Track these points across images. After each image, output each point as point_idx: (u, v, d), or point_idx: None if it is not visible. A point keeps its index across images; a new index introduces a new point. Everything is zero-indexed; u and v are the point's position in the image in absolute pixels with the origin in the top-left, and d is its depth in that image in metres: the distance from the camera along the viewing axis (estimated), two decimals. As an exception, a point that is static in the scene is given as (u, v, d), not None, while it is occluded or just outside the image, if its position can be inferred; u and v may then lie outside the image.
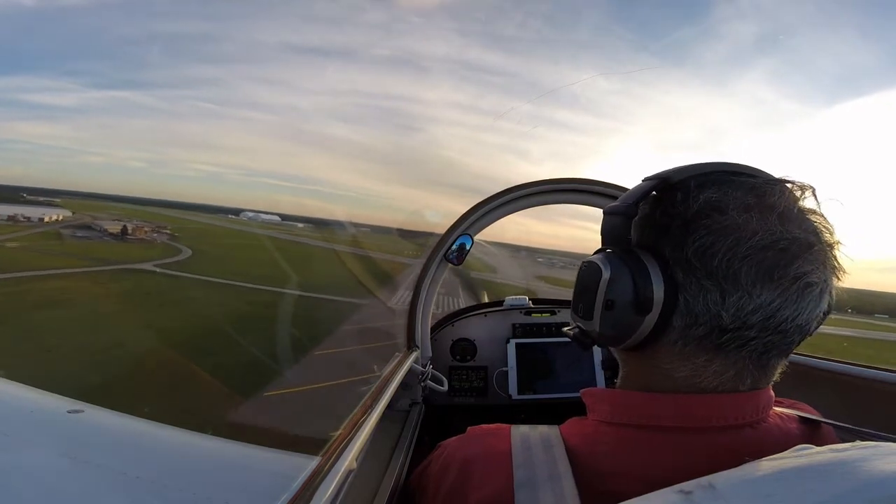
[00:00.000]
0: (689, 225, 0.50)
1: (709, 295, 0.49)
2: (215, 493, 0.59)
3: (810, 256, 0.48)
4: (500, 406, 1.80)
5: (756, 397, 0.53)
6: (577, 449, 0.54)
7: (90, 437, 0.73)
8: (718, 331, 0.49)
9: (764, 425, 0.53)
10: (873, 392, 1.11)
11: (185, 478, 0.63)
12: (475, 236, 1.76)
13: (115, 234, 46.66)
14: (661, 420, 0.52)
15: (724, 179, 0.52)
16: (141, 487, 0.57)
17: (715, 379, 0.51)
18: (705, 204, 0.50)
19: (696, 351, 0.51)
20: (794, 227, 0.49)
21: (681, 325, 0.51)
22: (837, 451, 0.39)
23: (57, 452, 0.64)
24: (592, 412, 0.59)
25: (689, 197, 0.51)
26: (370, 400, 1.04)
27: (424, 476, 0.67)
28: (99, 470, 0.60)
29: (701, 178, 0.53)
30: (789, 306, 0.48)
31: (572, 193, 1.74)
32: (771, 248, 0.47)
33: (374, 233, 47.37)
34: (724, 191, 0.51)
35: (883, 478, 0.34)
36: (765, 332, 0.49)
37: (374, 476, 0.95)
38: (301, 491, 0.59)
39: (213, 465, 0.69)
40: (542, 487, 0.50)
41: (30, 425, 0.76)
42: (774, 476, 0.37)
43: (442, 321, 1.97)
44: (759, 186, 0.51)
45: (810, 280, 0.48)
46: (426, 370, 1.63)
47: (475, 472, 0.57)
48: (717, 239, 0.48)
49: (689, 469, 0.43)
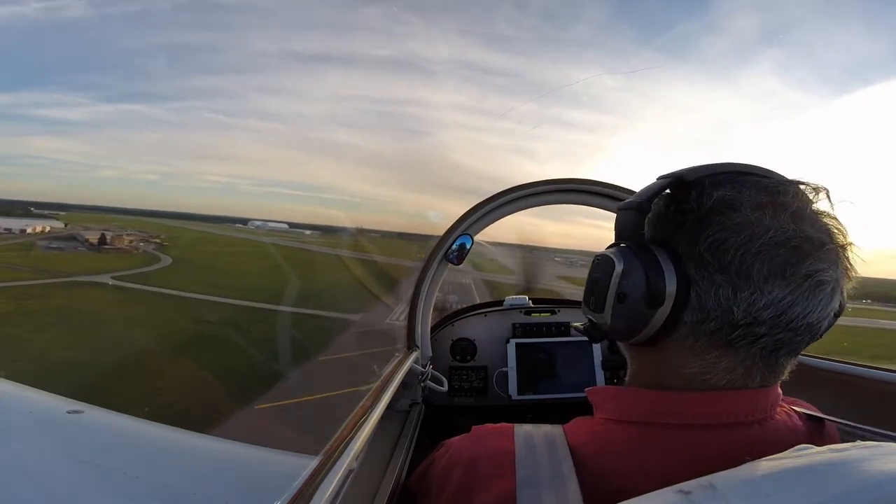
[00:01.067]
0: (702, 221, 0.51)
1: (721, 290, 0.49)
2: (215, 493, 0.59)
3: (822, 255, 0.48)
4: (500, 406, 1.80)
5: (765, 395, 0.53)
6: (583, 448, 0.54)
7: (90, 437, 0.73)
8: (729, 326, 0.49)
9: (772, 422, 0.53)
10: (874, 392, 1.11)
11: (185, 478, 0.63)
12: (475, 236, 1.76)
13: (92, 245, 43.96)
14: (671, 417, 0.52)
15: (737, 179, 0.53)
16: (141, 487, 0.57)
17: (725, 376, 0.51)
18: (719, 201, 0.51)
19: (707, 347, 0.51)
20: (807, 227, 0.49)
21: (692, 321, 0.51)
22: (837, 451, 0.39)
23: (57, 452, 0.64)
24: (599, 410, 0.59)
25: (703, 194, 0.52)
26: (370, 400, 1.04)
27: (428, 475, 0.67)
28: (99, 470, 0.60)
29: (715, 177, 0.53)
30: (800, 303, 0.48)
31: (572, 194, 1.74)
32: (783, 245, 0.48)
33: (382, 237, 46.22)
34: (737, 189, 0.51)
35: (883, 478, 0.34)
36: (775, 329, 0.49)
37: (374, 476, 0.95)
38: (301, 491, 0.59)
39: (213, 465, 0.69)
40: (545, 487, 0.50)
41: (30, 425, 0.76)
42: (774, 476, 0.37)
43: (442, 321, 1.97)
44: (773, 186, 0.51)
45: (822, 278, 0.48)
46: (426, 370, 1.63)
47: (480, 473, 0.56)
48: (730, 235, 0.49)
49: (699, 466, 0.43)
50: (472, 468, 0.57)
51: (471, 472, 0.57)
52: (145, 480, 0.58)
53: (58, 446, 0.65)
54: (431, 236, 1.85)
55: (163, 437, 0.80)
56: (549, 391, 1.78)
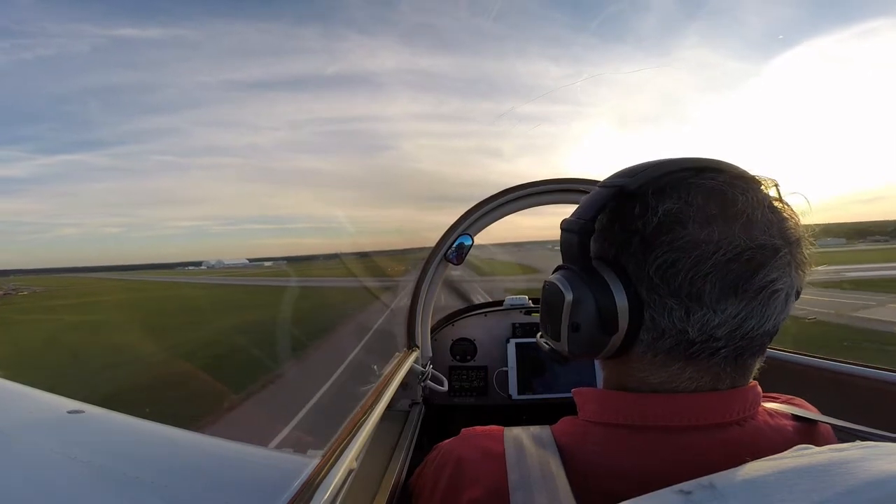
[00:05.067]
0: (649, 242, 0.49)
1: (674, 312, 0.48)
2: (215, 493, 0.59)
3: (776, 263, 0.48)
4: (500, 406, 1.80)
5: (740, 394, 0.52)
6: (567, 448, 0.54)
7: (90, 437, 0.73)
8: (686, 343, 0.49)
9: (752, 423, 0.52)
10: (874, 392, 1.12)
11: (186, 478, 0.63)
12: (475, 236, 1.77)
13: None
14: (648, 419, 0.52)
15: (683, 183, 0.50)
16: (141, 487, 0.56)
17: (692, 384, 0.51)
18: (665, 217, 0.49)
19: (667, 360, 0.51)
20: (760, 234, 0.48)
21: (648, 339, 0.51)
22: (837, 451, 0.39)
23: (57, 452, 0.64)
24: (582, 411, 0.59)
25: (647, 210, 0.50)
26: (370, 400, 1.04)
27: (421, 479, 0.67)
28: (99, 470, 0.60)
29: (659, 184, 0.51)
30: (755, 315, 0.48)
31: (571, 193, 1.75)
32: (735, 260, 0.47)
33: (356, 259, 42.84)
34: (684, 199, 0.49)
35: (883, 478, 0.34)
36: (733, 341, 0.49)
37: (374, 476, 0.95)
38: (301, 491, 0.59)
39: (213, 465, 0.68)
40: (537, 488, 0.50)
41: (30, 425, 0.76)
42: (774, 476, 0.37)
43: (442, 321, 1.97)
44: (722, 189, 0.49)
45: (776, 288, 0.48)
46: (426, 370, 1.63)
47: (468, 471, 0.57)
48: (679, 256, 0.47)
49: (676, 468, 0.43)
50: (461, 469, 0.58)
51: (459, 472, 0.58)
52: (145, 481, 0.58)
53: (58, 446, 0.65)
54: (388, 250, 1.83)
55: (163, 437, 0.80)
56: (550, 391, 1.79)
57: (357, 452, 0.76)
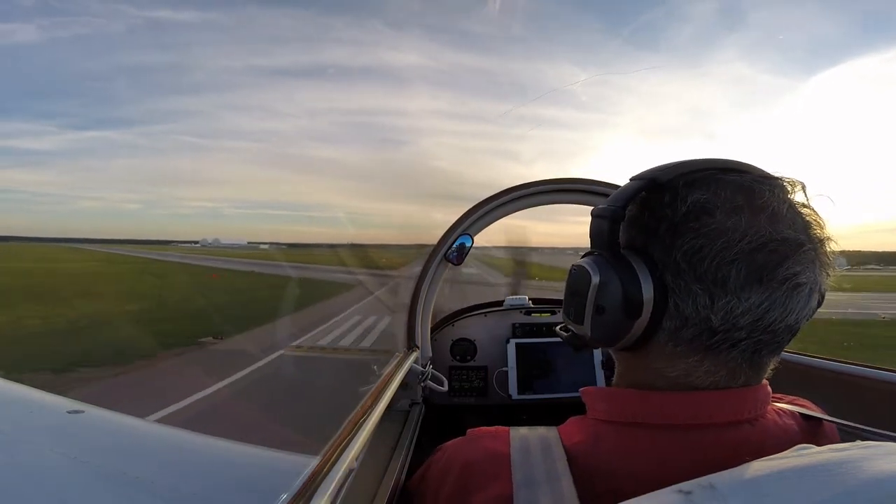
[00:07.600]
0: (677, 228, 0.50)
1: (698, 298, 0.49)
2: (215, 493, 0.59)
3: (800, 257, 0.48)
4: (501, 406, 1.80)
5: (752, 393, 0.53)
6: (575, 449, 0.54)
7: (90, 437, 0.73)
8: (708, 332, 0.49)
9: (762, 421, 0.53)
10: (876, 392, 1.11)
11: (186, 478, 0.63)
12: (475, 236, 1.77)
13: None
14: (658, 418, 0.52)
15: (712, 178, 0.52)
16: (141, 487, 0.57)
17: (708, 378, 0.52)
18: (693, 205, 0.50)
19: (687, 351, 0.51)
20: (784, 227, 0.49)
21: (671, 327, 0.51)
22: (837, 451, 0.39)
23: (57, 452, 0.64)
24: (591, 411, 0.59)
25: (677, 198, 0.51)
26: (370, 400, 1.04)
27: (424, 480, 0.67)
28: (99, 470, 0.60)
29: (689, 178, 0.52)
30: (778, 307, 0.48)
31: (571, 193, 1.75)
32: (760, 250, 0.47)
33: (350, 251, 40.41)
34: (712, 191, 0.50)
35: (883, 478, 0.34)
36: (755, 333, 0.49)
37: (374, 476, 0.95)
38: (301, 491, 0.59)
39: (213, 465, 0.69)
40: (541, 489, 0.50)
41: (30, 425, 0.76)
42: (774, 476, 0.37)
43: (442, 321, 1.97)
44: (749, 185, 0.51)
45: (799, 281, 0.48)
46: (426, 370, 1.63)
47: (475, 475, 0.56)
48: (705, 242, 0.48)
49: (689, 467, 0.43)
50: (468, 471, 0.58)
51: (466, 474, 0.57)
52: (145, 480, 0.58)
53: (58, 446, 0.65)
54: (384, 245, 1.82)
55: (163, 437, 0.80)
56: (550, 391, 1.78)
57: (357, 452, 0.75)
